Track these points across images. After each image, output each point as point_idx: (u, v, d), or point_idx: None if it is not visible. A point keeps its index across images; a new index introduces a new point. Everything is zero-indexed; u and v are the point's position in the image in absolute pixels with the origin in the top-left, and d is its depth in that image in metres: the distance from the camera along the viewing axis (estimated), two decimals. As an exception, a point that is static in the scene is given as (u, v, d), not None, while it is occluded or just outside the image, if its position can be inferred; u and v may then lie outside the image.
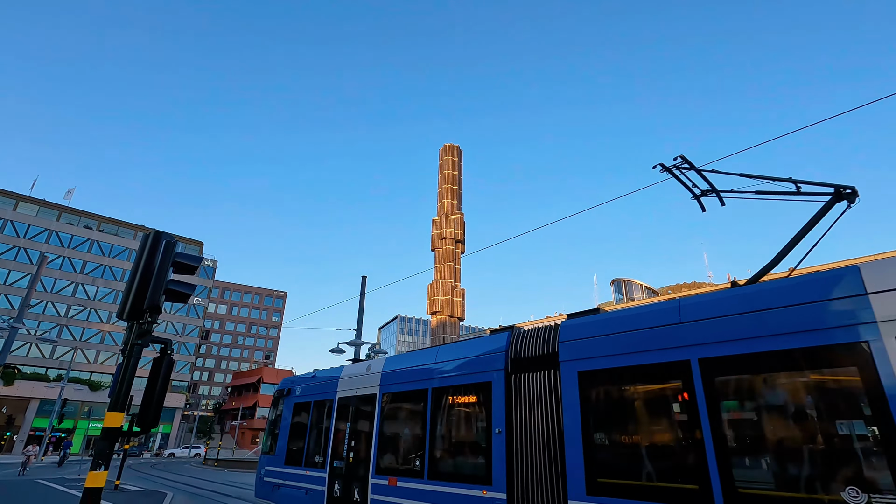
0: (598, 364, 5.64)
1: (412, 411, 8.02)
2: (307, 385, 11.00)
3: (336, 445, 9.22)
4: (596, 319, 5.96)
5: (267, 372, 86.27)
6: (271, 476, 10.95)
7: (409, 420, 8.10)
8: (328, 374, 10.55)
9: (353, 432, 9.01)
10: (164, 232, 5.85)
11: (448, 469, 7.05)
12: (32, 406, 58.10)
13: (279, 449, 11.02)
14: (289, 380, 12.14)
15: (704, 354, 4.76)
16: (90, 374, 65.46)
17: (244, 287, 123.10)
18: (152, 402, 5.20)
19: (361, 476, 8.38)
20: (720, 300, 4.93)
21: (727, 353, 4.63)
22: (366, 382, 9.07)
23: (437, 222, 54.96)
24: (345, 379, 9.74)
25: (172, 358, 5.55)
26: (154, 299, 5.43)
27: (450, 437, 7.35)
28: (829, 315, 4.22)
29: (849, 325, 4.09)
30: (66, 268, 67.47)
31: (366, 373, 9.20)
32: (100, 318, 68.76)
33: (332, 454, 9.22)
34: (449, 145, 59.00)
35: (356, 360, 10.08)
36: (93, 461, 4.84)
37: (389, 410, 8.48)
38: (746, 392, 4.57)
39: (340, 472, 8.91)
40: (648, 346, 5.25)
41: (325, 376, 10.54)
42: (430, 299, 52.22)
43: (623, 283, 75.50)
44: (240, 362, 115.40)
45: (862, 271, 4.16)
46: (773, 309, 4.53)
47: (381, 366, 8.94)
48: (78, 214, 71.79)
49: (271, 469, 11.05)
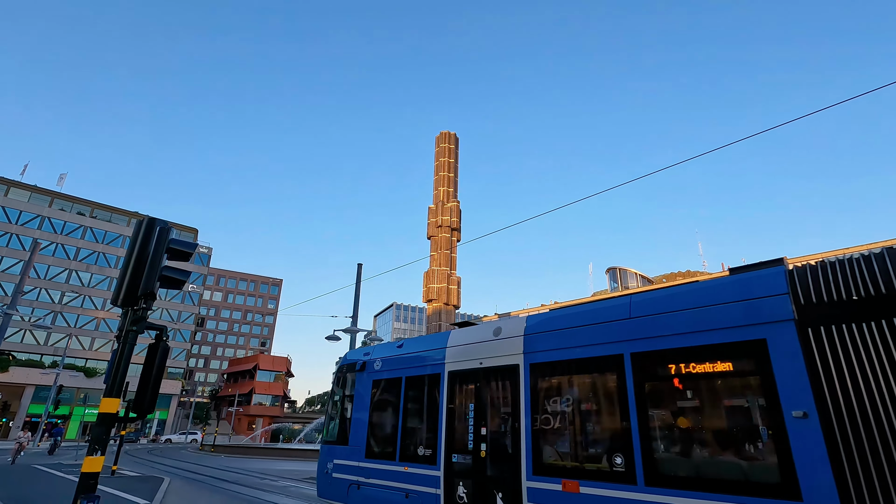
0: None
1: (595, 385, 5.95)
2: (393, 357, 8.87)
3: (453, 433, 7.15)
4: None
5: (263, 359, 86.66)
6: (345, 472, 8.89)
7: (587, 397, 6.01)
8: (426, 343, 8.51)
9: (480, 415, 6.85)
10: (157, 218, 5.81)
11: (688, 471, 4.81)
12: (28, 392, 58.30)
13: (355, 438, 8.90)
14: (359, 351, 10.09)
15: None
16: (85, 360, 65.53)
17: (239, 274, 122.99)
18: (148, 389, 5.21)
19: (507, 477, 6.21)
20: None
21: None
22: (497, 350, 6.99)
23: (433, 210, 54.88)
24: (456, 348, 7.68)
25: (168, 345, 5.55)
26: (149, 286, 5.41)
27: (687, 421, 5.05)
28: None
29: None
30: (59, 254, 67.13)
31: (494, 338, 7.13)
32: (94, 305, 68.61)
33: (448, 445, 7.12)
34: (445, 132, 58.65)
35: (461, 325, 8.25)
36: (89, 446, 4.85)
37: (547, 385, 6.34)
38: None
39: (465, 470, 6.78)
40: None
41: (421, 346, 8.53)
42: (425, 287, 52.37)
43: (618, 271, 75.95)
44: (235, 349, 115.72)
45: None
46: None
47: (521, 327, 6.83)
48: (70, 201, 71.19)
49: (344, 463, 8.96)
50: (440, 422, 7.38)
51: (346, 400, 9.66)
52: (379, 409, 8.77)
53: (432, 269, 52.27)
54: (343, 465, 8.97)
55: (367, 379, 9.14)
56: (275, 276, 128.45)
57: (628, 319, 5.75)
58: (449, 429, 7.24)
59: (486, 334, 7.34)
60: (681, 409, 5.17)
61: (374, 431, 8.64)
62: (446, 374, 7.57)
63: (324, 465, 9.59)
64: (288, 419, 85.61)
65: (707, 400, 5.07)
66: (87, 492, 4.67)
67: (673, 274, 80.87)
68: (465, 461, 6.86)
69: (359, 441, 8.78)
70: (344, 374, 9.94)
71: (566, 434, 6.00)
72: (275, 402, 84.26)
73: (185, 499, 13.75)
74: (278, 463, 30.06)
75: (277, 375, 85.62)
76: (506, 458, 6.35)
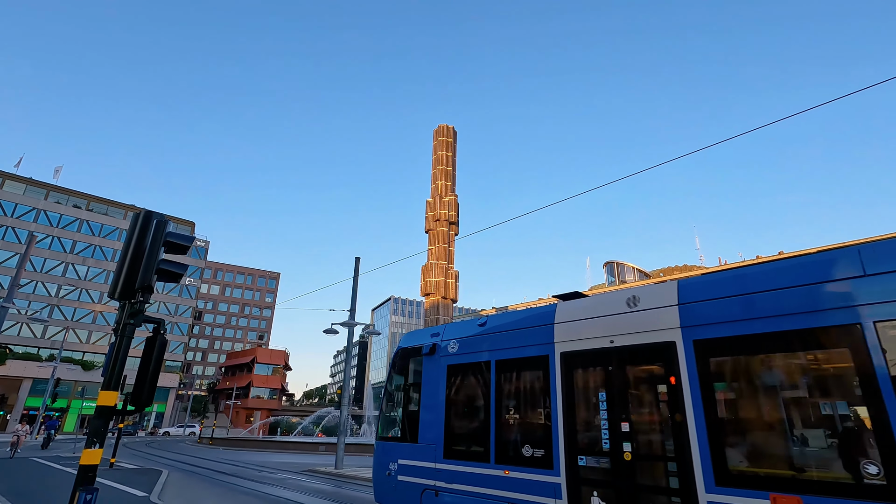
0: None
1: (815, 366, 4.50)
2: (475, 337, 7.38)
3: (575, 429, 5.77)
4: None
5: (260, 352, 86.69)
6: (416, 474, 7.45)
7: (804, 382, 4.51)
8: (520, 319, 6.95)
9: (618, 407, 5.46)
10: (154, 212, 5.78)
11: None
12: (25, 385, 58.29)
13: (428, 434, 7.47)
14: (423, 333, 8.52)
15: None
16: (83, 353, 65.43)
17: (237, 268, 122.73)
18: (146, 382, 5.21)
19: (672, 487, 4.88)
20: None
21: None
22: (636, 324, 5.61)
23: (430, 204, 54.75)
24: (570, 324, 6.23)
25: (165, 338, 5.54)
26: (146, 279, 5.39)
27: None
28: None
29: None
30: (55, 247, 66.83)
31: (630, 310, 5.75)
32: (91, 299, 68.42)
33: (570, 444, 5.73)
34: (443, 126, 58.38)
35: (567, 296, 6.85)
36: (88, 439, 4.86)
37: (724, 367, 5.00)
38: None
39: (602, 477, 5.39)
40: None
41: (514, 323, 6.98)
42: (423, 281, 52.35)
43: (615, 265, 76.08)
44: (233, 343, 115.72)
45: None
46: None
47: (673, 295, 5.48)
48: (66, 193, 70.76)
49: (414, 464, 7.53)
50: (555, 414, 5.97)
51: (410, 389, 8.32)
52: (459, 399, 7.41)
53: (430, 263, 52.26)
54: (412, 467, 7.56)
55: (440, 364, 7.71)
56: (272, 270, 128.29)
57: (865, 277, 4.27)
58: (569, 423, 5.82)
59: (616, 306, 5.95)
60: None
61: (455, 426, 7.27)
62: (558, 356, 6.18)
63: (383, 466, 8.09)
64: (286, 412, 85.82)
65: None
66: (86, 484, 4.68)
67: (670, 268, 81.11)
68: (599, 465, 5.46)
69: (433, 438, 7.38)
70: (405, 359, 8.53)
71: (772, 429, 4.55)
72: (272, 396, 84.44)
73: (184, 491, 13.80)
74: (276, 455, 30.18)
75: (275, 369, 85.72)
76: (666, 461, 5.01)
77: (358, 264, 24.15)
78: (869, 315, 4.11)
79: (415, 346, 8.37)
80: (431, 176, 57.06)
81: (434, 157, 57.70)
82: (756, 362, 4.80)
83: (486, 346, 7.16)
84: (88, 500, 4.61)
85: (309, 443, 37.92)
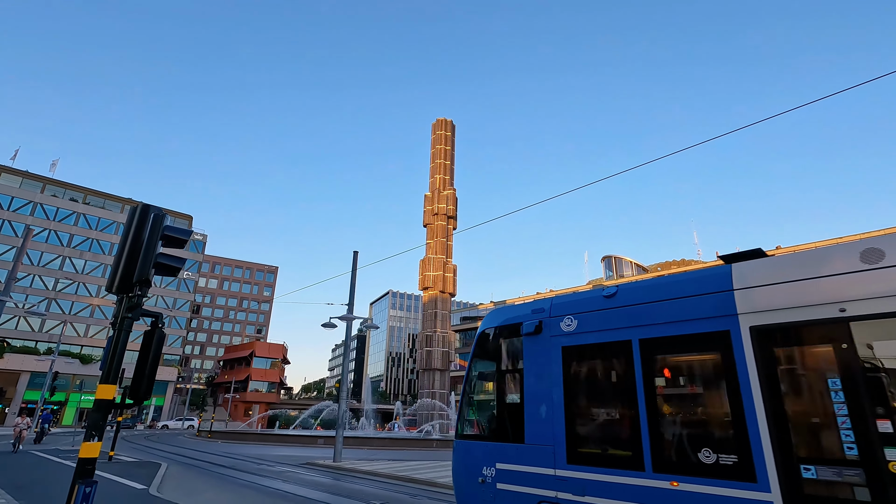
0: None
1: None
2: (600, 312, 5.92)
3: (787, 430, 4.35)
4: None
5: (259, 346, 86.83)
6: (525, 483, 5.96)
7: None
8: (671, 287, 5.52)
9: (864, 398, 4.03)
10: (152, 205, 5.76)
11: None
12: (23, 379, 58.35)
13: (539, 432, 6.00)
14: (522, 308, 6.90)
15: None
16: (81, 347, 65.45)
17: (235, 262, 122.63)
18: (144, 375, 5.21)
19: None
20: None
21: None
22: (880, 286, 4.18)
23: (429, 198, 54.63)
24: (760, 290, 4.84)
25: (163, 331, 5.54)
26: (143, 272, 5.38)
27: None
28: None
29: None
30: (52, 241, 66.63)
31: (871, 266, 4.31)
32: (89, 292, 68.32)
33: (781, 449, 4.30)
34: (442, 119, 58.14)
35: (744, 255, 5.44)
36: (86, 432, 4.87)
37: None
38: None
39: (848, 497, 3.92)
40: None
41: (663, 291, 5.56)
42: (421, 275, 52.31)
43: (614, 260, 76.30)
44: (231, 336, 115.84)
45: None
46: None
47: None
48: (63, 187, 70.43)
49: (521, 470, 6.04)
50: (749, 407, 4.55)
51: (506, 377, 6.79)
52: (585, 388, 6.06)
53: (428, 257, 52.21)
54: (519, 473, 6.05)
55: (552, 345, 6.23)
56: (270, 264, 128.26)
57: None
58: (777, 419, 4.38)
59: (845, 262, 4.47)
60: None
61: (582, 422, 5.85)
62: (746, 332, 4.77)
63: (473, 472, 6.56)
64: (284, 406, 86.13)
65: None
66: (85, 477, 4.69)
67: (668, 262, 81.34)
68: (842, 478, 3.97)
69: (547, 437, 5.90)
70: (497, 340, 6.98)
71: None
72: (271, 389, 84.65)
73: (183, 484, 13.86)
74: (275, 449, 30.30)
75: (273, 362, 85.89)
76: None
77: (356, 258, 24.15)
78: None
79: (510, 325, 6.83)
80: (430, 170, 56.88)
81: (432, 151, 57.51)
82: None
83: (622, 321, 5.70)
84: (87, 492, 4.62)
85: (307, 436, 38.06)
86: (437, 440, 36.70)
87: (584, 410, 5.93)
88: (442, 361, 49.42)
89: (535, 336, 6.42)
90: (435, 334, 50.00)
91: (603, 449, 5.59)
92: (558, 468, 5.70)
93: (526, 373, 6.40)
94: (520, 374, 6.51)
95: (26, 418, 23.89)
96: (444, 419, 46.34)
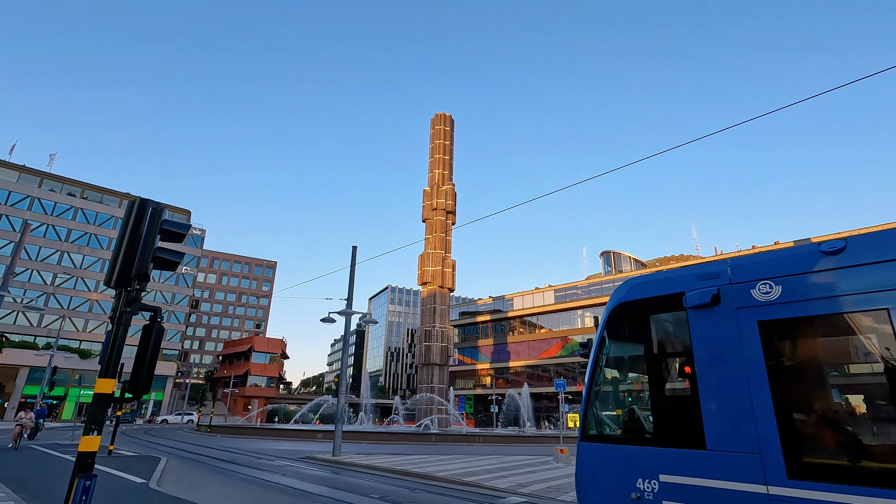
0: None
1: None
2: (822, 273, 4.26)
3: None
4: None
5: (258, 341, 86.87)
6: (709, 502, 4.26)
7: None
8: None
9: None
10: (150, 200, 5.74)
11: None
12: (22, 374, 58.39)
13: (732, 435, 4.30)
14: (677, 273, 5.23)
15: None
16: (79, 342, 65.45)
17: (234, 256, 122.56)
18: (143, 369, 5.21)
19: None
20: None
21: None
22: None
23: (427, 193, 54.56)
24: None
25: (162, 326, 5.54)
26: (142, 267, 5.37)
27: None
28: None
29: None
30: (50, 235, 66.46)
31: None
32: (87, 287, 68.23)
33: None
34: (441, 114, 57.96)
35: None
36: (86, 427, 4.88)
37: None
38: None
39: None
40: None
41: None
42: (420, 270, 52.34)
43: (612, 255, 76.28)
44: (230, 331, 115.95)
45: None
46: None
47: None
48: (61, 181, 70.19)
49: (705, 485, 4.31)
50: None
51: (665, 362, 5.26)
52: (806, 375, 4.46)
53: (427, 252, 52.22)
54: (704, 490, 4.32)
55: (742, 320, 4.53)
56: (269, 259, 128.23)
57: None
58: None
59: None
60: None
61: (811, 425, 4.25)
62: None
63: (619, 484, 4.93)
64: (283, 400, 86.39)
65: None
66: (85, 471, 4.70)
67: (667, 258, 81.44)
68: None
69: (749, 441, 4.19)
70: (646, 314, 5.28)
71: None
72: (270, 384, 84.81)
73: (183, 478, 13.90)
74: (274, 443, 30.40)
75: (272, 357, 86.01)
76: None
77: (355, 253, 24.16)
78: None
79: (664, 296, 5.16)
80: (429, 165, 56.80)
81: (431, 146, 57.38)
82: None
83: (866, 284, 4.00)
84: (87, 486, 4.63)
85: (306, 430, 38.19)
86: (435, 434, 36.87)
87: (808, 404, 4.37)
88: (441, 356, 49.56)
89: (710, 308, 4.78)
90: (434, 329, 50.10)
91: (854, 461, 3.89)
92: (772, 485, 3.99)
93: (697, 356, 4.76)
94: (687, 358, 4.88)
95: (30, 413, 23.38)
96: (442, 413, 46.56)
